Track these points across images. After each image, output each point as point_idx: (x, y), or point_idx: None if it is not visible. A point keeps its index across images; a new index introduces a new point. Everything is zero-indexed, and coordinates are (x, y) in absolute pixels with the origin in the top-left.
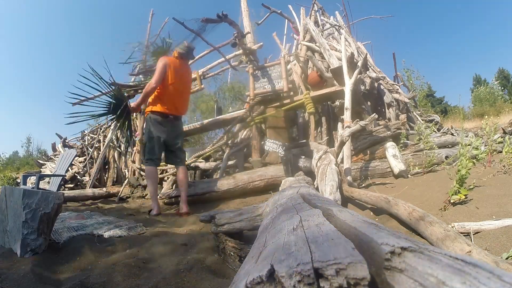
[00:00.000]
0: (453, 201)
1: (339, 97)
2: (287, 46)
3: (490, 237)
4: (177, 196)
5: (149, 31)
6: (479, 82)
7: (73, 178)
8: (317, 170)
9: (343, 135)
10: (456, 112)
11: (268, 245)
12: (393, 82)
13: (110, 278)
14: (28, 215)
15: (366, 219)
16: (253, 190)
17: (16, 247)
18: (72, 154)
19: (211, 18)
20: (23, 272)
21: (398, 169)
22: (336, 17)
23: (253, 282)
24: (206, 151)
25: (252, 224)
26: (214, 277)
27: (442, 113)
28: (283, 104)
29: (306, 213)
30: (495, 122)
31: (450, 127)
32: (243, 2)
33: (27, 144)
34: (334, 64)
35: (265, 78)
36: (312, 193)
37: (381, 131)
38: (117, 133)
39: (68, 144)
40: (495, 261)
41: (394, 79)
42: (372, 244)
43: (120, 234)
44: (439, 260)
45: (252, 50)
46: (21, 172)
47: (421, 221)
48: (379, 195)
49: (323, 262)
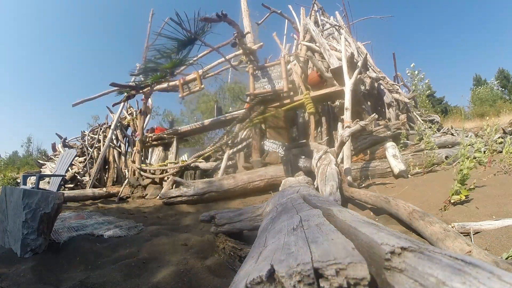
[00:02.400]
0: (453, 201)
1: (339, 97)
2: (287, 46)
3: (490, 237)
4: (176, 196)
5: (149, 31)
6: (479, 82)
7: (73, 178)
8: (317, 170)
9: (343, 135)
10: (456, 112)
11: (268, 245)
12: (393, 82)
13: (110, 278)
14: (28, 215)
15: (366, 219)
16: (253, 190)
17: (16, 247)
18: (72, 154)
19: (211, 18)
20: (23, 272)
21: (398, 169)
22: (336, 17)
23: (253, 282)
24: (206, 151)
25: (252, 224)
26: (214, 277)
27: (442, 113)
28: (283, 104)
29: (306, 213)
30: (496, 122)
31: (450, 127)
32: (243, 2)
33: (27, 144)
34: (334, 64)
35: (265, 78)
36: (312, 193)
37: (381, 131)
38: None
39: (68, 144)
40: (495, 261)
41: (394, 79)
42: (372, 244)
43: (120, 234)
44: (439, 260)
45: (252, 50)
46: (21, 172)
47: (421, 221)
48: (379, 195)
49: (323, 262)
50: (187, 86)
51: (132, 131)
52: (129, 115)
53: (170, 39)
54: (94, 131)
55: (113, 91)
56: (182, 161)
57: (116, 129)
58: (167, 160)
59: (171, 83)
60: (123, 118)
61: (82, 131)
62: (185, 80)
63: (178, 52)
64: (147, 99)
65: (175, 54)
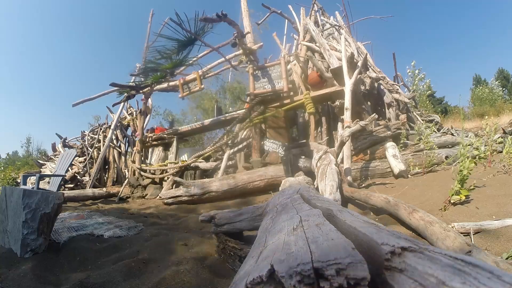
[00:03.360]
0: (453, 201)
1: (339, 97)
2: (287, 46)
3: (490, 237)
4: (176, 196)
5: (149, 31)
6: (479, 82)
7: (73, 178)
8: (317, 170)
9: (343, 135)
10: (456, 112)
11: (268, 245)
12: (393, 82)
13: (110, 278)
14: (28, 215)
15: (366, 219)
16: (253, 190)
17: (16, 247)
18: (72, 154)
19: (211, 18)
20: (23, 272)
21: (398, 169)
22: (336, 17)
23: (253, 282)
24: (206, 151)
25: (252, 224)
26: (214, 277)
27: (442, 113)
28: (283, 104)
29: (306, 213)
30: (495, 122)
31: (450, 127)
32: (243, 2)
33: (27, 144)
34: (334, 64)
35: (265, 78)
36: (312, 193)
37: (381, 131)
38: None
39: (68, 144)
40: (495, 261)
41: (394, 79)
42: (372, 244)
43: (120, 234)
44: (439, 260)
45: (252, 50)
46: (21, 172)
47: (421, 221)
48: (379, 195)
49: (323, 262)
50: (187, 86)
51: (132, 131)
52: (129, 115)
53: (170, 39)
54: (94, 131)
55: (113, 91)
56: (182, 161)
57: (116, 129)
58: (167, 160)
59: (171, 83)
60: (123, 118)
61: (82, 131)
62: (185, 80)
63: (178, 53)
64: (147, 99)
65: (176, 54)
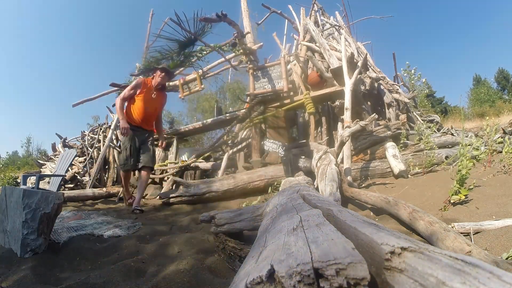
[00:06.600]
0: (453, 201)
1: (339, 97)
2: (287, 46)
3: (490, 237)
4: (176, 196)
5: (149, 31)
6: (479, 82)
7: (73, 178)
8: (317, 170)
9: (343, 135)
10: (456, 112)
11: (268, 245)
12: (393, 82)
13: (110, 278)
14: (28, 215)
15: (366, 219)
16: (253, 190)
17: (16, 247)
18: (72, 154)
19: (210, 18)
20: (23, 272)
21: (398, 169)
22: (336, 17)
23: (253, 282)
24: (206, 151)
25: (252, 224)
26: (214, 277)
27: (442, 113)
28: (283, 104)
29: (306, 213)
30: (496, 122)
31: (450, 127)
32: (243, 2)
33: (27, 144)
34: (334, 64)
35: (265, 78)
36: (312, 193)
37: (381, 131)
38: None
39: (68, 144)
40: (495, 261)
41: (394, 79)
42: (372, 244)
43: (120, 234)
44: (439, 260)
45: (252, 50)
46: (21, 172)
47: (421, 221)
48: (379, 195)
49: (323, 262)
50: (187, 86)
51: None
52: None
53: (170, 40)
54: (94, 131)
55: (113, 91)
56: (182, 161)
57: (116, 129)
58: (167, 160)
59: (171, 83)
60: None
61: (82, 131)
62: (185, 80)
63: (179, 54)
64: None
65: (176, 55)
